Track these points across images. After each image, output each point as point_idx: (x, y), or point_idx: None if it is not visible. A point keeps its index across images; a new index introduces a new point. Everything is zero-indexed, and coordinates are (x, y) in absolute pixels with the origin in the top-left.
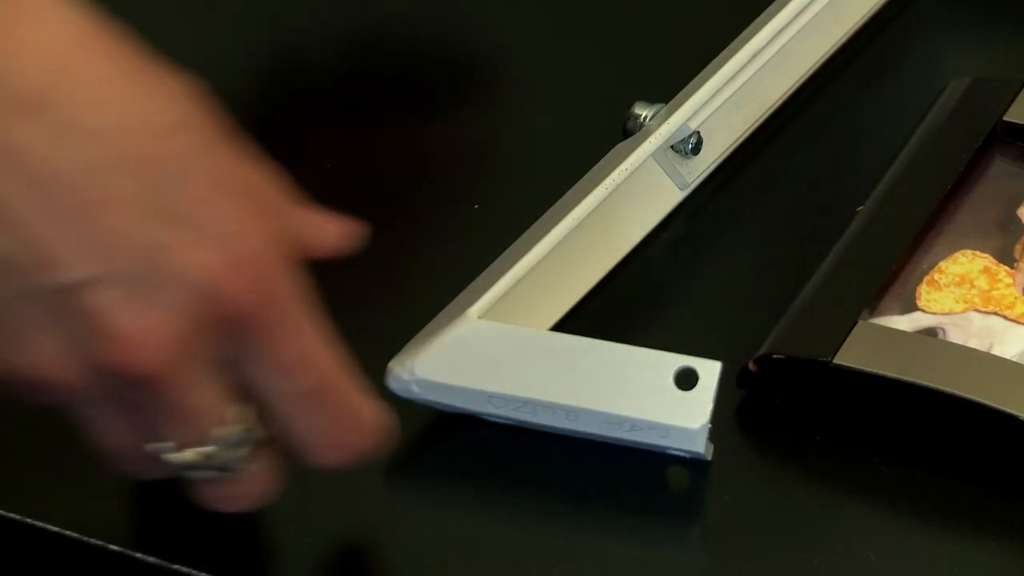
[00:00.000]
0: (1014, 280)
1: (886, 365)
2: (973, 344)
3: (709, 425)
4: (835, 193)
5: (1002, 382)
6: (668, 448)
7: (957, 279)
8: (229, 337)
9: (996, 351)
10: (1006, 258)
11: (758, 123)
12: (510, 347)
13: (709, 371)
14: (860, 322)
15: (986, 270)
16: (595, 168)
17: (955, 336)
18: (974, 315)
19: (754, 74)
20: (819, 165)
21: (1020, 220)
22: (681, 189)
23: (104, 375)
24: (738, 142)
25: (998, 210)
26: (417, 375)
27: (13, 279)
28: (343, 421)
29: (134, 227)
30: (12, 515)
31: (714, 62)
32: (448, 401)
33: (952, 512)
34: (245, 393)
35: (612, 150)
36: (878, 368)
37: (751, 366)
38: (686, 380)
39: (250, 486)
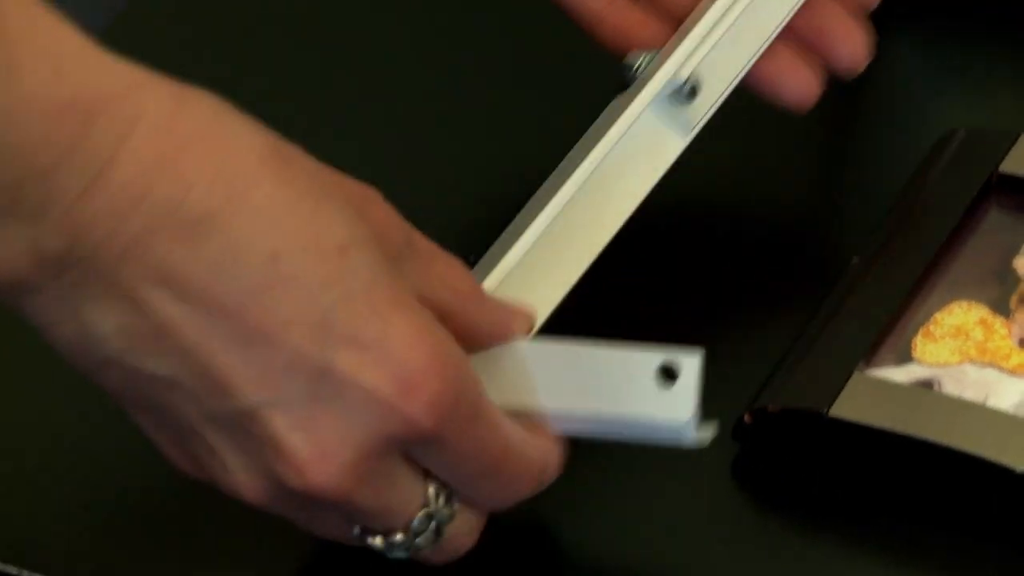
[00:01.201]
0: (1009, 331)
1: (882, 417)
2: (969, 396)
3: (697, 416)
4: (831, 244)
5: (998, 434)
6: (661, 443)
7: (953, 330)
8: (408, 447)
9: (992, 403)
10: (1002, 309)
11: (756, 57)
12: (492, 359)
13: (689, 363)
14: (856, 374)
15: (982, 321)
16: (593, 125)
17: (951, 388)
18: (969, 367)
19: (747, 6)
20: (815, 214)
21: (1016, 271)
22: (683, 137)
23: (292, 495)
24: (738, 79)
25: (994, 261)
26: None
27: (189, 403)
28: (514, 480)
29: (304, 350)
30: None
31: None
32: None
33: (949, 564)
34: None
35: (608, 105)
36: (874, 420)
37: (746, 418)
38: (667, 374)
39: (459, 541)
